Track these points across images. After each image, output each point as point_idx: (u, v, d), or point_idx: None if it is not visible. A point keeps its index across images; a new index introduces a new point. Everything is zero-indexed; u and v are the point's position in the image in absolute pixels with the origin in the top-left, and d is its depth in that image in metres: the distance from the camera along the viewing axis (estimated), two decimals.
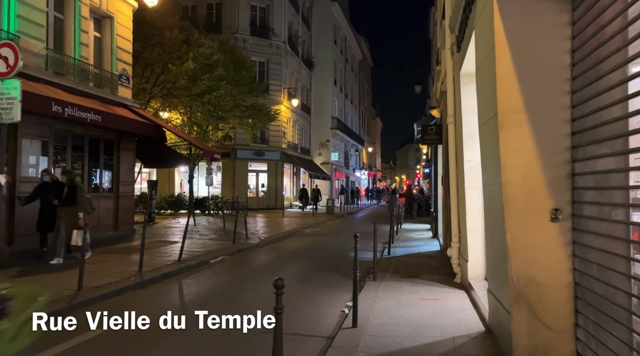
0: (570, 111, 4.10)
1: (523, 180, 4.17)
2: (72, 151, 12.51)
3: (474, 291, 6.91)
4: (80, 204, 9.25)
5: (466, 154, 7.51)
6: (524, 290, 4.09)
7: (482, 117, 5.20)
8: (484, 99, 5.01)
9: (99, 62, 13.67)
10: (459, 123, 7.89)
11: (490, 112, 4.63)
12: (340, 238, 16.29)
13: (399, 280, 8.34)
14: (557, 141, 4.12)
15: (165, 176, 30.42)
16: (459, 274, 8.07)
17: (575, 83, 4.07)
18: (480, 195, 7.36)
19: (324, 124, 40.86)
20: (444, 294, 7.15)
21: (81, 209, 9.25)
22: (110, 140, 13.81)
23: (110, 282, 7.80)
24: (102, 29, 13.83)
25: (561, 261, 4.06)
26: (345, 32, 47.96)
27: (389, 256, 11.61)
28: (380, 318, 5.92)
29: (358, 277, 5.58)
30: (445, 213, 11.87)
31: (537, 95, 4.18)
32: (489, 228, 5.21)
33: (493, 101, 4.42)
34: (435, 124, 13.43)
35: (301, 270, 9.73)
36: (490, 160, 4.83)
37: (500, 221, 4.36)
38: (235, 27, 30.31)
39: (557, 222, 4.06)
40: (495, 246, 4.84)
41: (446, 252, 10.68)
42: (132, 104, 14.46)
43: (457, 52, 7.62)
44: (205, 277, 8.99)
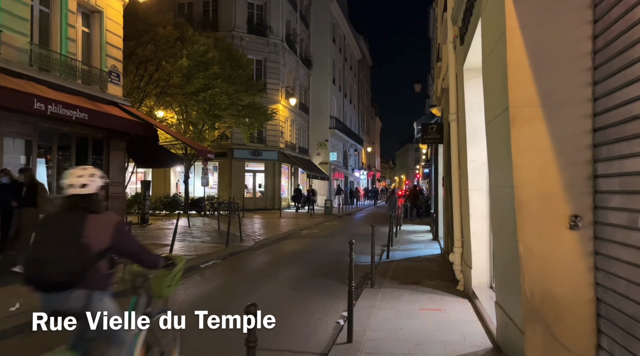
0: (591, 104, 3.64)
1: (538, 182, 3.71)
2: (58, 150, 12.05)
3: (478, 301, 6.45)
4: (41, 205, 8.34)
5: (470, 154, 7.05)
6: (539, 307, 3.62)
7: (489, 113, 4.73)
8: (492, 93, 4.54)
9: (88, 59, 13.21)
10: (462, 121, 7.42)
11: (499, 107, 4.16)
12: (338, 240, 15.81)
13: (399, 287, 7.87)
14: (576, 138, 3.66)
15: (161, 176, 29.95)
16: (461, 282, 7.60)
17: (597, 73, 3.61)
18: (484, 197, 6.90)
19: (322, 123, 40.36)
20: (446, 304, 6.69)
21: (43, 210, 8.26)
22: (99, 139, 13.35)
23: None
24: (90, 24, 13.37)
25: (581, 274, 3.60)
26: (344, 30, 47.48)
27: (388, 259, 11.15)
28: (377, 331, 5.45)
29: (353, 287, 5.11)
30: (446, 214, 11.41)
31: (553, 87, 3.71)
32: (497, 235, 4.74)
33: (503, 94, 3.96)
34: (436, 122, 12.96)
35: (295, 275, 9.26)
36: (499, 160, 4.36)
37: (511, 227, 3.89)
38: (232, 24, 29.82)
39: (576, 230, 3.60)
40: (504, 255, 4.38)
41: (447, 256, 10.24)
42: (122, 102, 13.99)
43: (460, 45, 7.16)
44: (192, 284, 8.52)
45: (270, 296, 7.44)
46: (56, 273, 2.74)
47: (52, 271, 2.74)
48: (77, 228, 2.82)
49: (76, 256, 2.77)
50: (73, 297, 2.79)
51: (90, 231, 2.83)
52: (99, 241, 2.84)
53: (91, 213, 2.89)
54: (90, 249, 2.80)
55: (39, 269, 2.78)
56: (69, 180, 2.95)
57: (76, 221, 2.85)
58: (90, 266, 2.80)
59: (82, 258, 2.78)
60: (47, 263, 2.75)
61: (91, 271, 2.80)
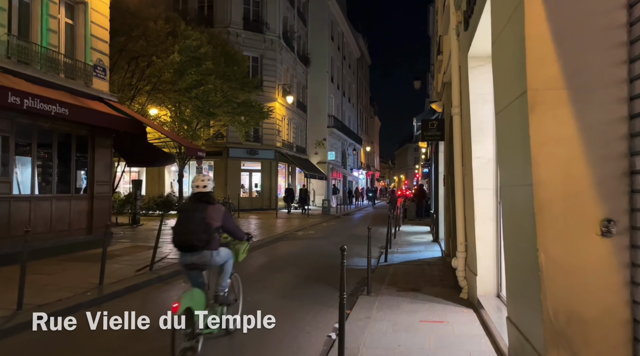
0: (626, 86, 3.03)
1: (562, 180, 3.10)
2: (38, 148, 11.42)
3: (484, 311, 5.84)
4: None
5: (475, 150, 6.44)
6: (564, 329, 3.01)
7: (501, 101, 4.11)
8: (505, 77, 3.92)
9: (71, 52, 12.56)
10: (466, 114, 6.81)
11: (514, 92, 3.55)
12: (334, 242, 15.19)
13: (397, 294, 7.27)
14: (608, 127, 3.05)
15: (155, 175, 29.33)
16: (465, 289, 6.99)
17: (633, 49, 3.00)
18: (491, 198, 6.29)
19: (320, 122, 39.71)
20: (449, 315, 6.08)
21: None
22: (83, 136, 12.69)
23: (60, 299, 6.71)
24: (75, 16, 12.72)
25: (615, 290, 2.99)
26: (343, 28, 46.83)
27: (386, 263, 10.55)
28: (373, 348, 4.85)
29: (345, 299, 4.49)
30: (448, 215, 10.82)
31: (580, 65, 3.11)
32: (509, 241, 4.13)
33: (519, 76, 3.35)
34: (437, 119, 12.35)
35: (286, 282, 8.64)
36: (513, 154, 3.75)
37: (529, 233, 3.29)
38: (228, 20, 29.19)
39: (609, 237, 3.00)
40: (519, 265, 3.77)
41: (448, 259, 9.64)
42: (108, 98, 13.34)
43: (465, 30, 6.55)
44: (175, 290, 7.90)
45: (255, 306, 6.81)
46: (195, 240, 4.41)
47: (191, 239, 4.42)
48: (203, 213, 4.49)
49: (204, 231, 4.45)
50: (203, 255, 4.53)
51: (210, 215, 4.51)
52: (215, 222, 4.55)
53: (209, 204, 4.59)
54: (211, 226, 4.51)
55: (184, 238, 4.47)
56: (195, 183, 4.69)
57: (202, 209, 4.52)
58: (212, 237, 4.52)
59: (208, 231, 4.47)
60: (188, 234, 4.44)
61: (212, 239, 4.53)
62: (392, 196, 31.77)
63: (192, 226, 4.42)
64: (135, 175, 29.38)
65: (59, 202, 11.84)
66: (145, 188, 29.01)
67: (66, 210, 12.06)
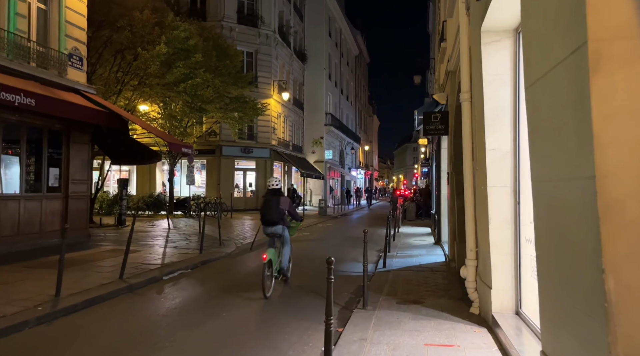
0: None
1: None
2: (4, 142, 10.45)
3: (501, 332, 4.88)
4: None
5: (489, 141, 5.48)
6: None
7: (537, 66, 3.14)
8: (548, 28, 2.95)
9: (44, 39, 11.61)
10: (478, 101, 5.86)
11: (562, 49, 2.59)
12: (330, 244, 14.25)
13: (397, 308, 6.31)
14: None
15: (146, 174, 28.33)
16: (476, 303, 6.04)
17: None
18: (509, 197, 5.34)
19: (317, 120, 38.71)
20: (459, 336, 5.12)
21: None
22: (57, 130, 11.74)
23: (4, 314, 5.74)
24: (48, 0, 11.75)
25: None
26: (341, 24, 45.84)
27: (385, 268, 9.59)
28: None
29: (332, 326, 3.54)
30: (452, 217, 9.87)
31: None
32: (547, 255, 3.16)
33: (572, 24, 2.39)
34: (440, 111, 11.38)
35: (272, 292, 7.66)
36: (558, 137, 2.79)
37: (585, 246, 2.33)
38: (221, 14, 28.21)
39: None
40: (566, 287, 2.80)
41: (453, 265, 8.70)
42: (85, 89, 12.39)
43: (477, 0, 5.58)
44: (143, 302, 6.93)
45: (232, 324, 5.87)
46: (274, 218, 7.66)
47: (272, 217, 7.67)
48: (277, 202, 7.67)
49: (279, 212, 7.68)
50: (278, 228, 7.74)
51: (281, 203, 7.68)
52: (284, 207, 7.72)
53: (281, 196, 7.76)
54: (282, 210, 7.70)
55: (267, 217, 7.69)
56: (270, 183, 7.92)
57: (276, 199, 7.69)
58: (283, 216, 7.74)
59: (281, 213, 7.69)
60: (270, 214, 7.67)
61: (283, 218, 7.75)
62: (393, 196, 30.96)
63: (271, 209, 7.63)
64: (126, 174, 28.40)
65: (28, 202, 10.88)
66: (136, 187, 28.00)
67: (36, 211, 11.11)
